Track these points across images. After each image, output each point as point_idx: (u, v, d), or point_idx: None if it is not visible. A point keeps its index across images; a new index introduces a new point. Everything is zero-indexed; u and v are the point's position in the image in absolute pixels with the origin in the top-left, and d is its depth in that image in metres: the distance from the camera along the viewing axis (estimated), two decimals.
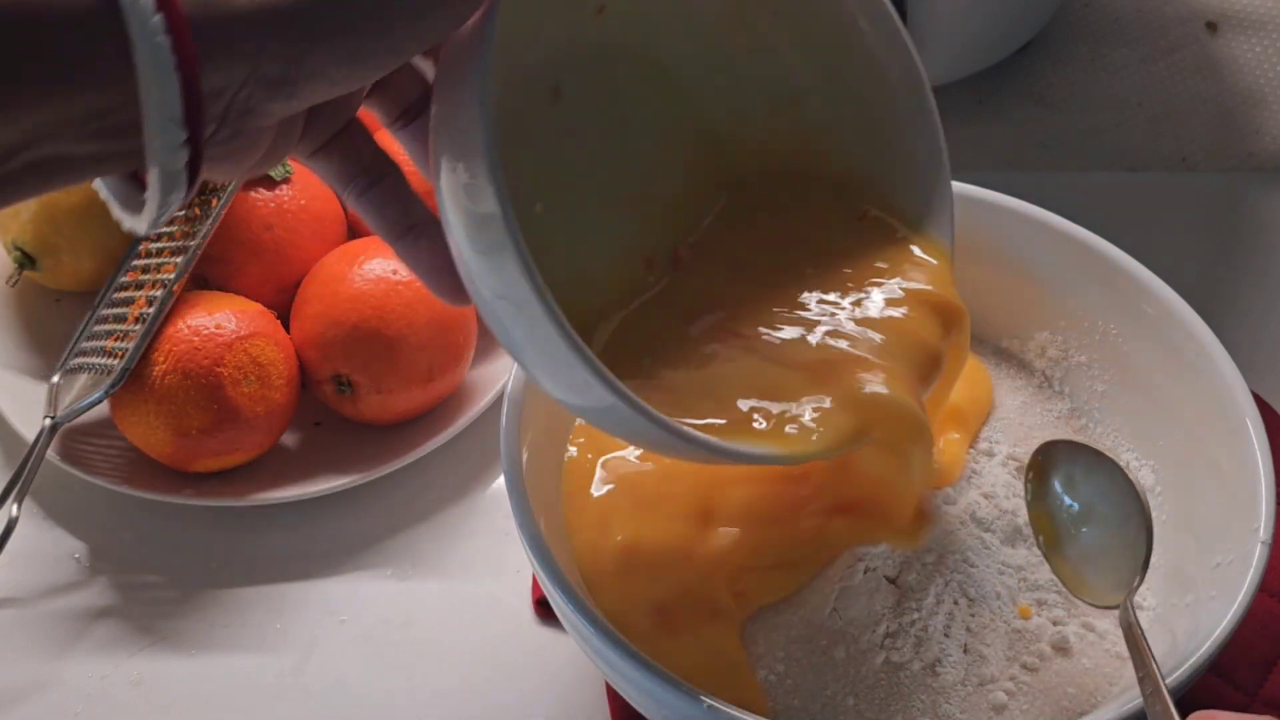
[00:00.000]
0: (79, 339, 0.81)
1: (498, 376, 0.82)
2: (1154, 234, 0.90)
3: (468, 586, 0.77)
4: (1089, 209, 0.81)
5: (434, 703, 0.72)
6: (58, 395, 0.78)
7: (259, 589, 0.77)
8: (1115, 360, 0.74)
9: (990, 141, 0.97)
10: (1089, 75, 1.01)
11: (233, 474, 0.79)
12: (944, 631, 0.64)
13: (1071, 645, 0.65)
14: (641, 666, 0.60)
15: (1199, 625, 0.63)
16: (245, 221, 0.80)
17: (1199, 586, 0.65)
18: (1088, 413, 0.75)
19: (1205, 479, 0.68)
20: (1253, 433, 0.66)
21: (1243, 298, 0.89)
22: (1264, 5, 1.05)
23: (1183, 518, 0.69)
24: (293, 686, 0.73)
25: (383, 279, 0.78)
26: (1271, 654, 0.71)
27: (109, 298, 0.81)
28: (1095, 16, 1.04)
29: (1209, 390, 0.69)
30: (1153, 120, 0.99)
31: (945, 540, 0.67)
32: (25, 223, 0.81)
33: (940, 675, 0.63)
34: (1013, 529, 0.68)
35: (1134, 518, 0.64)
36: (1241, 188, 0.95)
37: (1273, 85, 1.01)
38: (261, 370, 0.76)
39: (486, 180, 0.47)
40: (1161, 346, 0.72)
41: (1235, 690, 0.70)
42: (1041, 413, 0.75)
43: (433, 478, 0.81)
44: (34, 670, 0.73)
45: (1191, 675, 0.60)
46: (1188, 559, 0.67)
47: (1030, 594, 0.66)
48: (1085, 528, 0.65)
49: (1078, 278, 0.74)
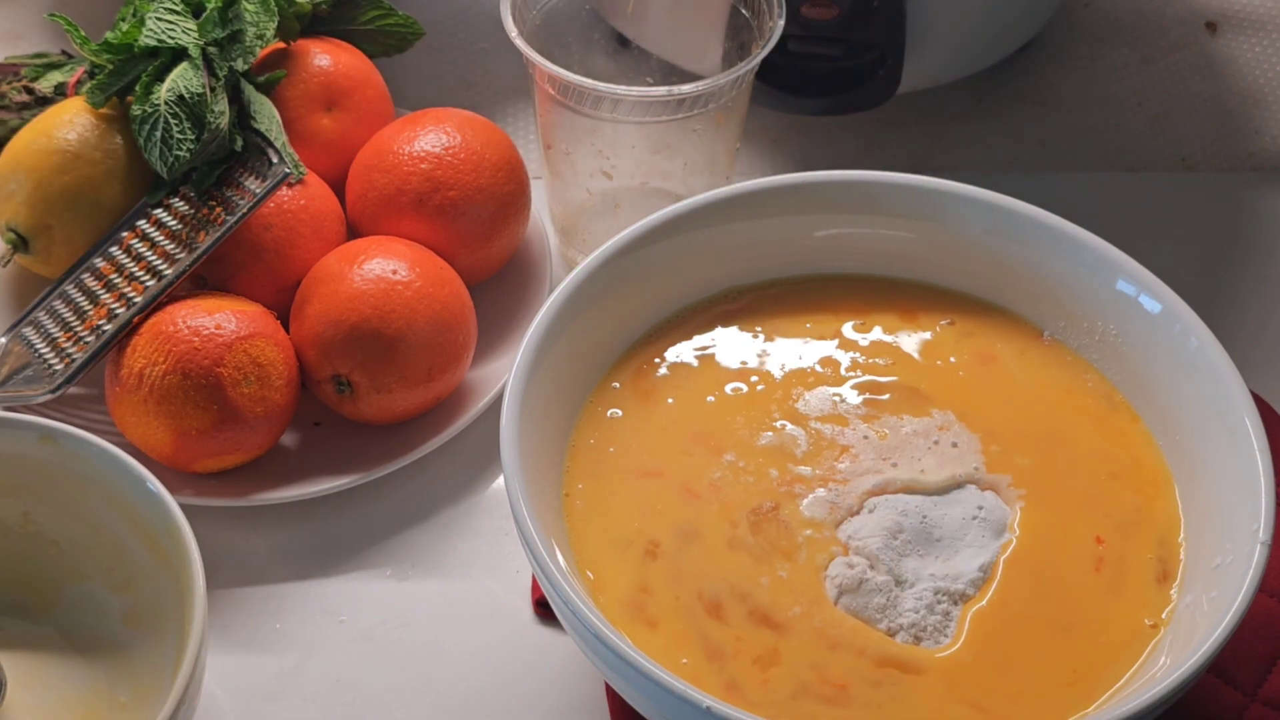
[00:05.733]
0: (37, 306, 0.81)
1: (498, 376, 0.82)
2: (1154, 234, 0.91)
3: (467, 586, 0.77)
4: (1089, 209, 0.81)
5: (433, 703, 0.72)
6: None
7: (258, 589, 0.77)
8: (1115, 360, 0.74)
9: (990, 141, 0.97)
10: (1089, 75, 1.01)
11: (233, 474, 0.79)
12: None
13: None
14: (641, 667, 0.60)
15: (1199, 625, 0.63)
16: (245, 221, 0.80)
17: (1199, 586, 0.65)
18: None
19: (1205, 479, 0.69)
20: (1253, 433, 0.66)
21: (1243, 298, 0.89)
22: (1264, 5, 1.05)
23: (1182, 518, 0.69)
24: (292, 686, 0.73)
25: (382, 279, 0.78)
26: (1271, 654, 0.71)
27: (79, 279, 0.81)
28: (1095, 16, 1.04)
29: (1209, 390, 0.69)
30: (1153, 120, 0.99)
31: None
32: (20, 204, 0.81)
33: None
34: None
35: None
36: (1241, 188, 0.95)
37: (1273, 85, 1.01)
38: (261, 370, 0.76)
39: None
40: (1161, 346, 0.72)
41: (1235, 690, 0.70)
42: None
43: (432, 478, 0.81)
44: None
45: (1191, 675, 0.60)
46: (1188, 559, 0.67)
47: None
48: None
49: (1077, 278, 0.74)
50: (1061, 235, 0.74)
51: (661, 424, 0.73)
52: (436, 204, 0.82)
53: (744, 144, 0.94)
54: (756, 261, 0.77)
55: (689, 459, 0.71)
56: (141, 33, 0.81)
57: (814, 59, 0.90)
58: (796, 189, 0.76)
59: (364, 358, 0.77)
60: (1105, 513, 0.69)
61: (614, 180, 0.87)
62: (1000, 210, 0.75)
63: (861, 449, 0.71)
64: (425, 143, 0.83)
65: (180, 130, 0.79)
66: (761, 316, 0.77)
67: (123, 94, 0.82)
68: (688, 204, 0.75)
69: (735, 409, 0.73)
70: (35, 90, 0.87)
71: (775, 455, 0.71)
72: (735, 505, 0.69)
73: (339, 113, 0.86)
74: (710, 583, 0.67)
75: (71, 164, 0.81)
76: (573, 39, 0.87)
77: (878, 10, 0.86)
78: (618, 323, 0.75)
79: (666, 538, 0.68)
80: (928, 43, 0.89)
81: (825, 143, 0.97)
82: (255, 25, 0.83)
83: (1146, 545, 0.68)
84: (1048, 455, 0.71)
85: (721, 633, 0.65)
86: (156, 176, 0.81)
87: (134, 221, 0.82)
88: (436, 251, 0.82)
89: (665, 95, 0.80)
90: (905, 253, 0.77)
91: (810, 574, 0.67)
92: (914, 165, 0.94)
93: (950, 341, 0.76)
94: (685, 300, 0.77)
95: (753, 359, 0.75)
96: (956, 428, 0.72)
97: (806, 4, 0.87)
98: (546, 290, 0.86)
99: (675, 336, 0.76)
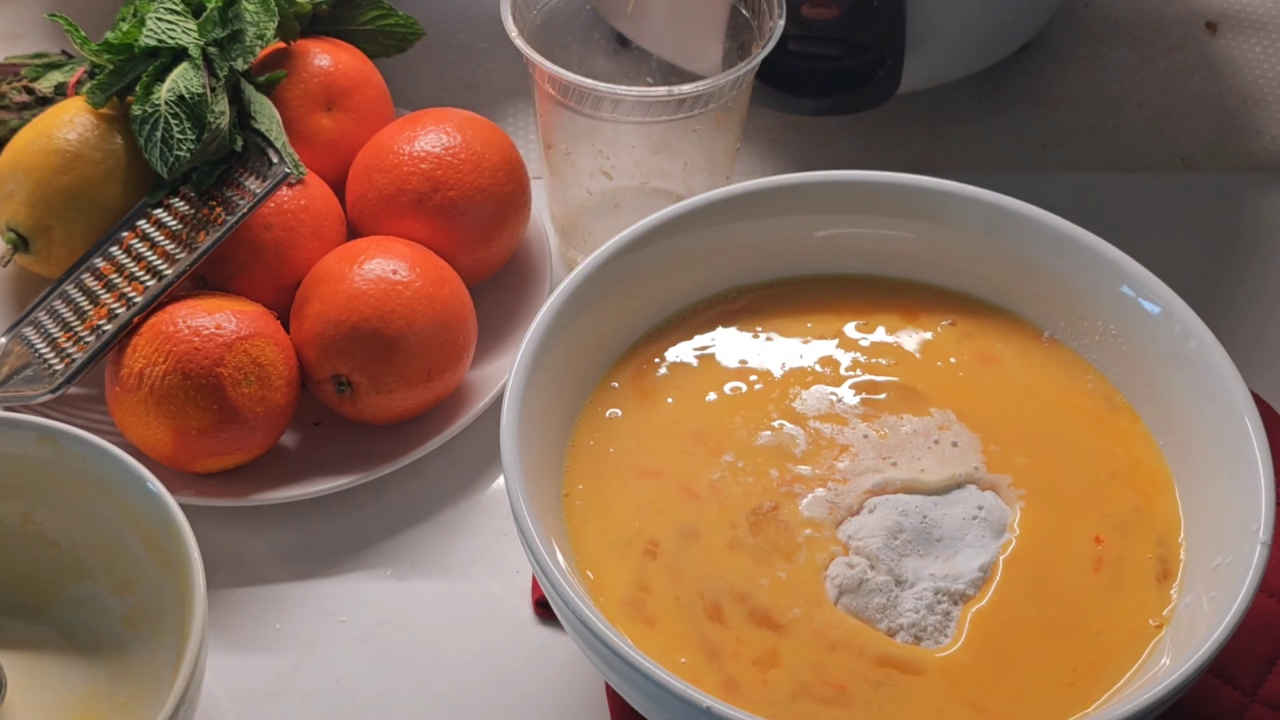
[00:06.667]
0: (37, 306, 0.81)
1: (498, 376, 0.82)
2: (1154, 234, 0.91)
3: (467, 586, 0.77)
4: (1089, 209, 0.81)
5: (433, 703, 0.72)
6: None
7: (258, 589, 0.77)
8: (1115, 360, 0.74)
9: (990, 141, 0.97)
10: (1089, 75, 1.01)
11: (233, 474, 0.79)
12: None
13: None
14: (641, 667, 0.60)
15: (1199, 625, 0.63)
16: (245, 221, 0.80)
17: (1199, 586, 0.65)
18: None
19: (1205, 479, 0.69)
20: (1253, 433, 0.66)
21: (1243, 298, 0.89)
22: (1264, 5, 1.05)
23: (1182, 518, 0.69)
24: (292, 686, 0.73)
25: (383, 279, 0.78)
26: (1271, 654, 0.71)
27: (79, 279, 0.81)
28: (1095, 16, 1.04)
29: (1209, 390, 0.69)
30: (1153, 120, 0.99)
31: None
32: (20, 204, 0.81)
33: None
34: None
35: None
36: (1241, 188, 0.95)
37: (1273, 85, 1.01)
38: (261, 370, 0.76)
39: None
40: (1161, 347, 0.72)
41: (1235, 690, 0.70)
42: None
43: (432, 478, 0.81)
44: None
45: (1192, 675, 0.60)
46: (1188, 559, 0.67)
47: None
48: None
49: (1077, 278, 0.74)
50: (1061, 235, 0.74)
51: (661, 424, 0.73)
52: (436, 204, 0.82)
53: (744, 144, 0.94)
54: (756, 261, 0.77)
55: (689, 459, 0.71)
56: (141, 33, 0.81)
57: (814, 59, 0.90)
58: (796, 189, 0.76)
59: (364, 358, 0.77)
60: (1105, 513, 0.69)
61: (614, 180, 0.87)
62: (1001, 210, 0.75)
63: (861, 448, 0.71)
64: (425, 143, 0.83)
65: (180, 130, 0.79)
66: (761, 316, 0.77)
67: (123, 94, 0.82)
68: (688, 204, 0.75)
69: (735, 409, 0.73)
70: (35, 90, 0.87)
71: (775, 455, 0.71)
72: (735, 505, 0.69)
73: (339, 113, 0.86)
74: (710, 583, 0.67)
75: (71, 164, 0.81)
76: (573, 39, 0.87)
77: (878, 10, 0.86)
78: (618, 323, 0.75)
79: (666, 538, 0.68)
80: (928, 43, 0.89)
81: (825, 143, 0.97)
82: (255, 25, 0.83)
83: (1146, 545, 0.68)
84: (1047, 455, 0.71)
85: (721, 633, 0.65)
86: (156, 176, 0.81)
87: (134, 221, 0.82)
88: (436, 251, 0.82)
89: (665, 95, 0.80)
90: (905, 253, 0.77)
91: (810, 574, 0.67)
92: (914, 165, 0.94)
93: (951, 341, 0.76)
94: (685, 300, 0.77)
95: (753, 359, 0.75)
96: (956, 427, 0.72)
97: (806, 4, 0.87)
98: (546, 290, 0.86)
99: (675, 336, 0.76)
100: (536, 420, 0.69)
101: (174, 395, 0.75)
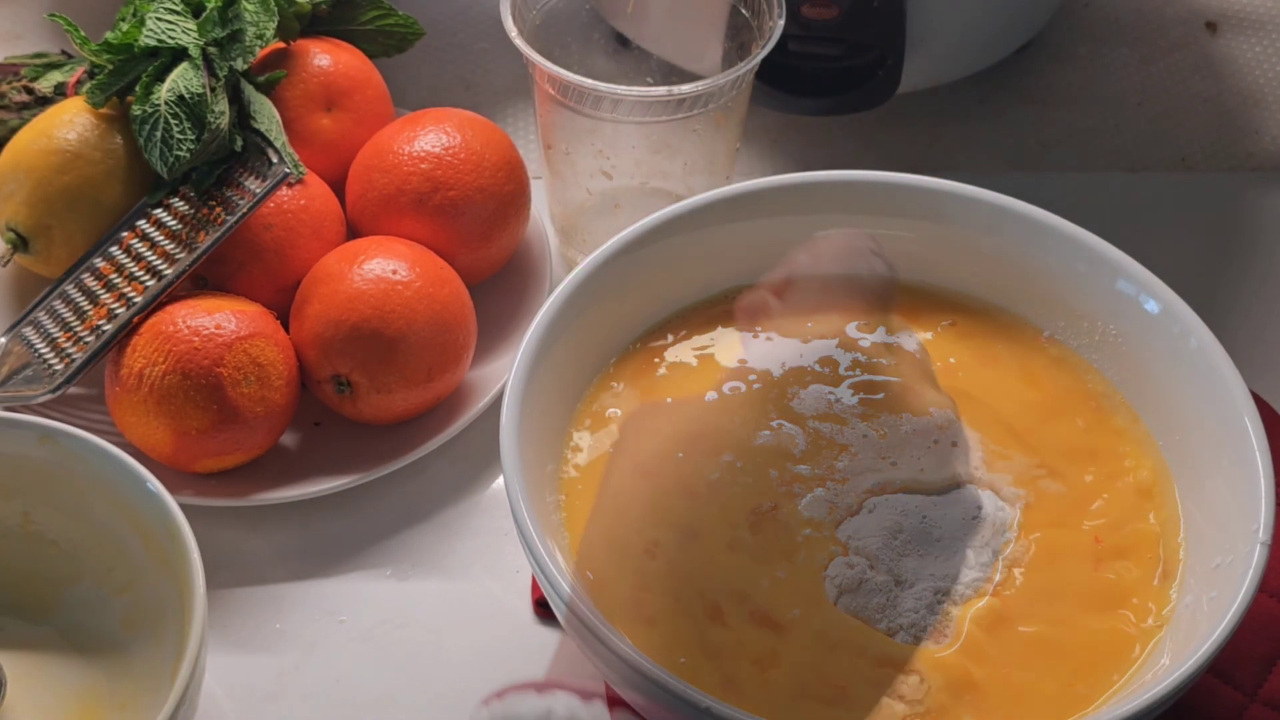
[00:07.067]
0: (37, 306, 0.81)
1: (498, 376, 0.82)
2: (1154, 234, 0.91)
3: (467, 586, 0.77)
4: (1089, 209, 0.81)
5: (433, 703, 0.72)
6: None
7: (258, 589, 0.77)
8: (1115, 360, 0.74)
9: (990, 141, 0.97)
10: (1089, 75, 1.01)
11: (233, 474, 0.79)
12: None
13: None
14: (641, 667, 0.60)
15: (1198, 625, 0.63)
16: (245, 221, 0.80)
17: (1199, 586, 0.65)
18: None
19: (1205, 479, 0.69)
20: (1252, 433, 0.66)
21: (1243, 298, 0.89)
22: (1264, 5, 1.05)
23: (1182, 518, 0.69)
24: (292, 686, 0.73)
25: (382, 279, 0.78)
26: (1271, 654, 0.71)
27: (79, 279, 0.81)
28: (1095, 16, 1.04)
29: (1209, 390, 0.69)
30: (1153, 120, 0.99)
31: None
32: (20, 204, 0.81)
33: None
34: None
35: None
36: (1241, 188, 0.95)
37: (1273, 85, 1.01)
38: (261, 370, 0.76)
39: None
40: (1161, 347, 0.72)
41: (1235, 690, 0.70)
42: None
43: (432, 478, 0.81)
44: None
45: (1191, 675, 0.60)
46: (1188, 559, 0.67)
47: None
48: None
49: (1078, 278, 0.74)
50: (1061, 235, 0.74)
51: (660, 424, 0.73)
52: (436, 204, 0.82)
53: (744, 144, 0.94)
54: (756, 261, 0.77)
55: (688, 459, 0.71)
56: (141, 33, 0.81)
57: (814, 59, 0.90)
58: (796, 189, 0.76)
59: (364, 358, 0.77)
60: (1105, 513, 0.69)
61: (614, 180, 0.87)
62: (1001, 210, 0.75)
63: (861, 448, 0.71)
64: (425, 143, 0.83)
65: (180, 130, 0.79)
66: (761, 316, 0.77)
67: (123, 94, 0.82)
68: (688, 204, 0.75)
69: (734, 409, 0.73)
70: (35, 90, 0.87)
71: (774, 455, 0.71)
72: (734, 505, 0.69)
73: (339, 113, 0.86)
74: (710, 583, 0.67)
75: (71, 164, 0.81)
76: (573, 39, 0.87)
77: (878, 10, 0.86)
78: (617, 322, 0.75)
79: (666, 538, 0.68)
80: (928, 43, 0.89)
81: (825, 143, 0.97)
82: (255, 25, 0.83)
83: (1146, 545, 0.68)
84: (1047, 455, 0.71)
85: (721, 633, 0.65)
86: (156, 176, 0.81)
87: (134, 221, 0.82)
88: (436, 251, 0.82)
89: (665, 95, 0.80)
90: (905, 253, 0.77)
91: (810, 574, 0.67)
92: (914, 165, 0.94)
93: (951, 342, 0.76)
94: (685, 300, 0.77)
95: (752, 359, 0.75)
96: (956, 427, 0.72)
97: (806, 4, 0.87)
98: (546, 290, 0.86)
99: (675, 336, 0.76)
100: (536, 420, 0.69)
101: (174, 395, 0.75)
